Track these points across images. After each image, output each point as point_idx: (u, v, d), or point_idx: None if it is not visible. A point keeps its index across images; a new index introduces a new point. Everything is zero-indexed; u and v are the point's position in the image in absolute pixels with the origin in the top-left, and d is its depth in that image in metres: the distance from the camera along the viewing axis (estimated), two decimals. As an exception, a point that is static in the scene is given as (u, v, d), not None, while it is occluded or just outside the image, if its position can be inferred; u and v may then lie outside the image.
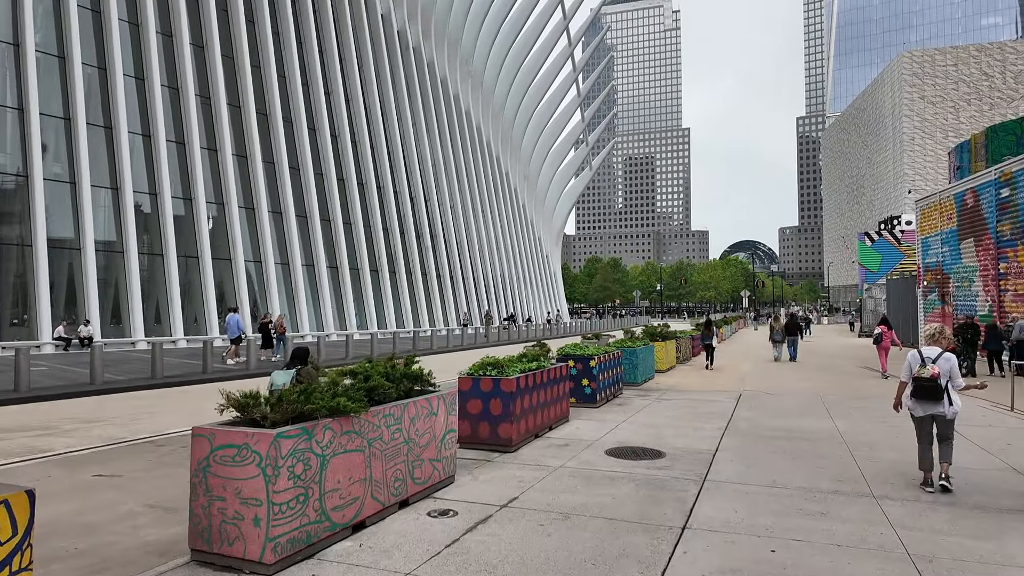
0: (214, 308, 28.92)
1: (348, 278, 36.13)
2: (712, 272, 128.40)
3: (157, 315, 27.78)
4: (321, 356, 20.38)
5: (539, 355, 9.21)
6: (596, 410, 10.77)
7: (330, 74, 37.41)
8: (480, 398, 7.58)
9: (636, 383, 14.61)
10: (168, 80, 29.02)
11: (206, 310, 28.78)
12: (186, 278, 28.78)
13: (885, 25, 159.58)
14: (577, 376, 11.13)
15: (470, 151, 51.57)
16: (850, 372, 18.38)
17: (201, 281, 29.01)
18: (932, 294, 26.26)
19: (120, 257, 26.39)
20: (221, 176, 30.56)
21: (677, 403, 11.68)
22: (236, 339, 19.15)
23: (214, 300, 29.06)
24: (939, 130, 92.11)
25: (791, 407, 11.19)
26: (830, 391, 13.57)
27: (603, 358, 11.67)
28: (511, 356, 8.69)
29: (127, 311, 26.12)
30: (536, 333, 41.16)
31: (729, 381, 15.81)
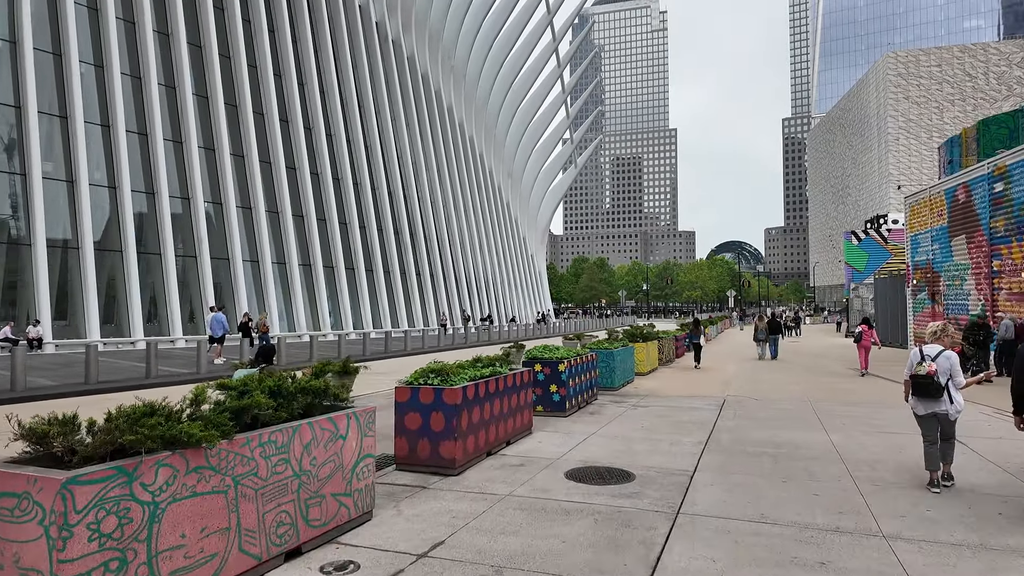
0: (177, 308, 27.51)
1: (322, 276, 34.82)
2: (698, 272, 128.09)
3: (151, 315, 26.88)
4: (281, 358, 19.16)
5: (495, 360, 8.12)
6: (565, 419, 9.69)
7: (304, 66, 36.08)
8: (419, 411, 6.46)
9: (613, 387, 13.56)
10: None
11: (168, 310, 27.35)
12: (148, 278, 27.36)
13: (870, 27, 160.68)
14: (545, 382, 10.05)
15: (452, 147, 50.38)
16: (839, 374, 17.48)
17: (165, 280, 27.61)
18: (922, 293, 25.52)
19: (76, 254, 24.94)
20: (187, 172, 29.16)
21: (655, 411, 10.63)
22: (220, 338, 18.79)
23: (177, 300, 27.67)
24: (924, 130, 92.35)
25: (779, 415, 10.19)
26: (820, 396, 12.61)
27: (574, 362, 10.60)
28: (462, 361, 7.59)
29: (82, 311, 24.69)
30: (518, 333, 40.08)
31: (713, 384, 14.82)
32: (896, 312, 29.68)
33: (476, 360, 7.78)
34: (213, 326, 19.00)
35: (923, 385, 5.76)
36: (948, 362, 5.77)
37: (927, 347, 5.96)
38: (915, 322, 26.22)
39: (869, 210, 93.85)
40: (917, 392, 5.83)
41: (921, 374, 5.75)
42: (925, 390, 5.76)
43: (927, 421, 5.86)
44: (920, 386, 5.78)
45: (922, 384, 5.76)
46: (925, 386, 5.75)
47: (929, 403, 5.81)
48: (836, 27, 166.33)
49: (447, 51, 50.70)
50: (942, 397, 5.72)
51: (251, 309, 29.84)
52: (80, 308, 24.78)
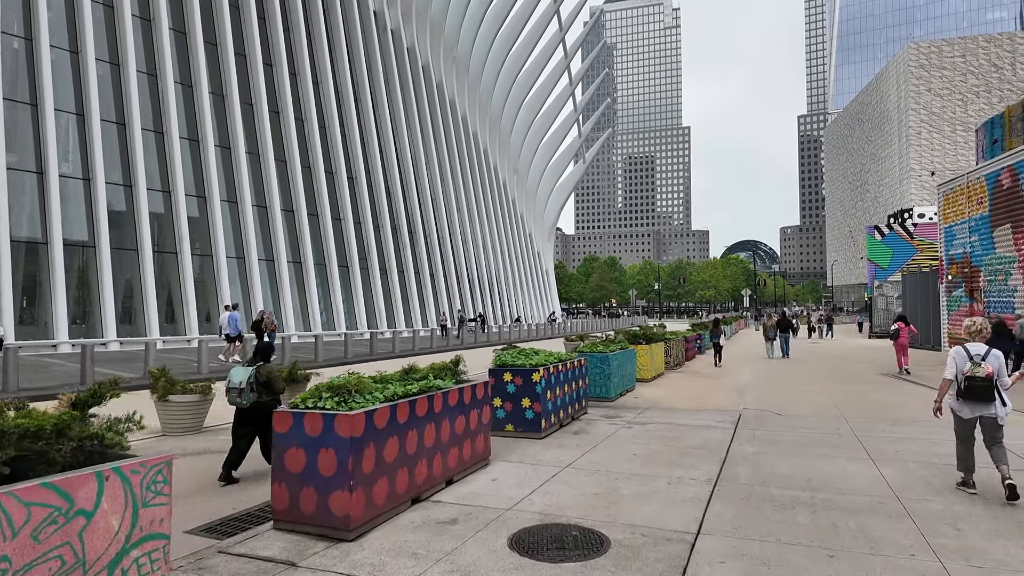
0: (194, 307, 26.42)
1: (313, 274, 33.09)
2: (712, 271, 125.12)
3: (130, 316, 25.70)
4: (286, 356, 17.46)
5: (440, 369, 6.20)
6: (539, 443, 7.75)
7: (296, 53, 34.40)
8: (304, 447, 4.55)
9: (608, 398, 11.58)
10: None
11: (145, 309, 25.73)
12: (123, 274, 25.79)
13: (888, 20, 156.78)
14: (516, 394, 8.11)
15: (455, 142, 48.53)
16: (871, 380, 15.35)
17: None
18: (958, 290, 23.22)
19: (43, 251, 23.38)
20: (168, 165, 27.55)
21: (654, 430, 8.65)
22: (237, 336, 18.74)
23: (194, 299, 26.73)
24: (947, 123, 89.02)
25: (809, 437, 8.16)
26: (855, 410, 10.54)
27: (554, 369, 8.65)
28: (385, 373, 5.68)
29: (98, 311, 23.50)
30: (518, 334, 38.13)
31: (726, 393, 12.79)
32: (928, 311, 27.35)
33: (408, 370, 5.86)
34: (229, 325, 18.82)
35: (981, 388, 5.36)
36: (998, 362, 5.46)
37: (973, 346, 5.56)
38: (950, 322, 23.92)
39: (889, 206, 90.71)
40: (971, 395, 5.42)
41: (980, 376, 5.36)
42: (981, 393, 5.37)
43: (969, 425, 5.55)
44: (977, 389, 5.38)
45: (980, 387, 5.36)
46: (982, 389, 5.35)
47: (980, 406, 5.44)
48: (853, 20, 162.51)
49: (449, 42, 48.87)
50: (995, 400, 5.40)
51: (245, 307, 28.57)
52: (96, 308, 24.05)
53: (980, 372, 5.38)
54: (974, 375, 5.40)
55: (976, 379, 5.39)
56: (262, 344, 6.33)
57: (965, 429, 5.59)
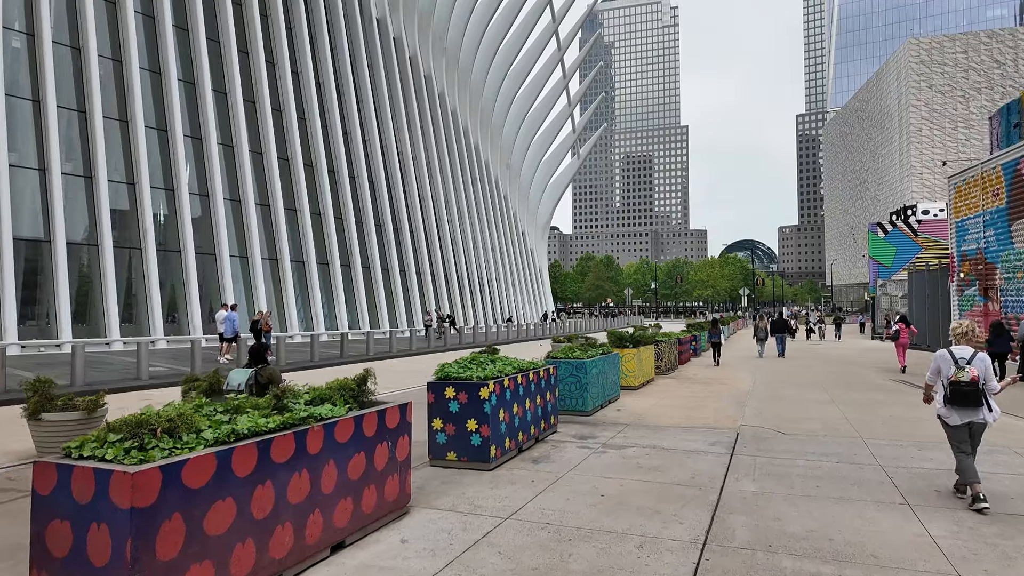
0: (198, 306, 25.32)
1: (289, 271, 31.45)
2: (710, 270, 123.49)
3: None
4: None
5: (319, 394, 4.63)
6: (485, 476, 6.17)
7: (274, 42, 32.77)
8: (70, 519, 2.98)
9: (584, 411, 10.01)
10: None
11: (105, 311, 24.11)
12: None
13: (887, 18, 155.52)
14: (460, 415, 6.53)
15: (443, 136, 46.90)
16: (883, 388, 13.80)
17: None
18: (971, 288, 21.70)
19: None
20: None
21: (633, 457, 7.07)
22: (233, 337, 18.45)
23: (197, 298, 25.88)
24: (948, 120, 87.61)
25: (822, 466, 6.61)
26: (870, 425, 8.99)
27: (511, 383, 7.07)
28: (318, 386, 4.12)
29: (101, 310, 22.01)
30: (506, 335, 36.55)
31: (722, 404, 11.23)
32: (937, 311, 25.85)
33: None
34: (225, 325, 18.49)
35: (967, 393, 5.21)
36: (984, 364, 5.29)
37: (957, 349, 5.41)
38: (962, 323, 22.38)
39: (890, 204, 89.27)
40: (957, 401, 5.26)
41: (965, 380, 5.21)
42: (967, 398, 5.21)
43: (961, 431, 5.34)
44: (962, 394, 5.22)
45: (965, 392, 5.21)
46: (968, 394, 5.21)
47: (968, 412, 5.28)
48: (853, 18, 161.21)
49: (438, 33, 47.24)
50: (983, 404, 5.24)
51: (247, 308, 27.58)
52: (99, 307, 23.29)
53: (964, 376, 5.18)
54: (958, 379, 5.19)
55: (961, 384, 5.19)
56: (256, 346, 6.17)
57: (958, 436, 5.34)
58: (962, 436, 5.32)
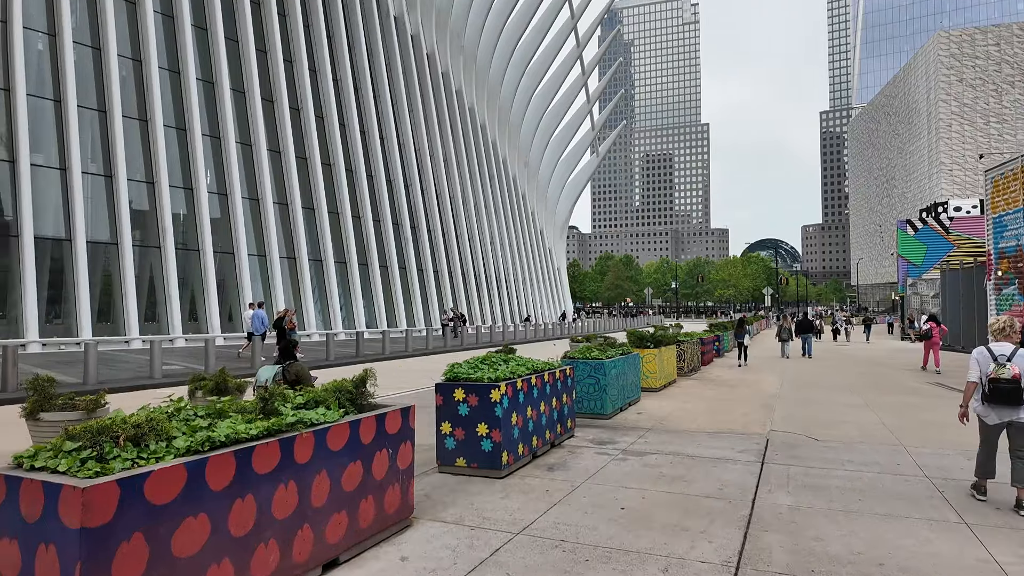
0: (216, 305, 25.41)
1: (307, 270, 31.39)
2: (731, 269, 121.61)
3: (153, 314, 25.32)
4: (211, 363, 15.65)
5: (312, 397, 4.27)
6: (496, 484, 5.77)
7: (293, 41, 32.75)
8: (18, 537, 2.64)
9: (603, 415, 9.55)
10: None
11: (125, 309, 24.20)
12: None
13: (915, 11, 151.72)
14: (470, 418, 6.13)
15: (461, 134, 46.61)
16: (919, 391, 13.11)
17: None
18: (1010, 287, 20.74)
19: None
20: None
21: (655, 465, 6.61)
22: (261, 335, 18.64)
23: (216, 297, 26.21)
24: (979, 115, 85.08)
25: (863, 477, 6.08)
26: (910, 431, 8.40)
27: (525, 384, 6.65)
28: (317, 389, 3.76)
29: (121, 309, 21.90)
30: (523, 334, 36.13)
31: (749, 407, 10.69)
32: (972, 311, 24.85)
33: (266, 398, 3.90)
34: (253, 323, 18.65)
35: (1008, 391, 4.95)
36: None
37: (996, 346, 5.19)
38: (999, 323, 21.43)
39: (918, 202, 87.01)
40: (997, 399, 5.01)
41: (1005, 377, 4.96)
42: (1008, 396, 4.95)
43: (996, 431, 5.15)
44: (1003, 392, 4.97)
45: (1006, 390, 4.96)
46: (1009, 392, 4.95)
47: (1007, 411, 5.02)
48: (879, 12, 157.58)
49: (456, 30, 46.96)
50: (1023, 404, 4.93)
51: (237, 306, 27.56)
52: (119, 306, 23.61)
53: (1005, 373, 4.98)
54: (999, 377, 5.01)
55: (1001, 381, 4.99)
56: (285, 342, 6.13)
57: (992, 436, 5.19)
58: (996, 436, 5.14)
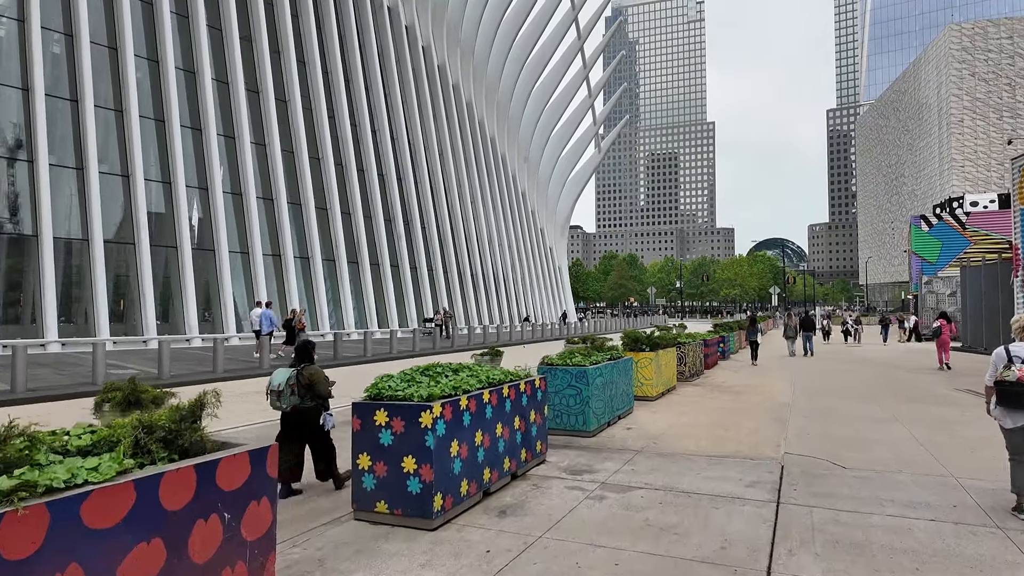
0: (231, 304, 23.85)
1: (293, 267, 30.00)
2: (737, 269, 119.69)
3: None
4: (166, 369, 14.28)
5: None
6: (421, 541, 4.31)
7: (280, 32, 31.39)
8: None
9: (585, 432, 8.08)
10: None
11: (143, 308, 22.88)
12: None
13: (923, 6, 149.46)
14: (393, 450, 4.67)
15: (458, 130, 45.16)
16: (950, 400, 11.57)
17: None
18: (1040, 284, 19.17)
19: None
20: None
21: (639, 507, 5.13)
22: (268, 334, 18.38)
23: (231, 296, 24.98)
24: (992, 110, 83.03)
25: (915, 529, 4.60)
26: (953, 453, 6.90)
27: (472, 403, 5.19)
28: None
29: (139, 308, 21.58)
30: (520, 335, 34.66)
31: (758, 422, 9.20)
32: (995, 310, 23.27)
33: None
34: (262, 322, 18.40)
35: (1014, 393, 4.82)
36: None
37: (1015, 346, 5.03)
38: (1028, 323, 19.84)
39: (928, 199, 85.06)
40: (1006, 401, 4.86)
41: (1010, 380, 4.83)
42: (1016, 399, 4.81)
43: (1016, 436, 4.90)
44: (1010, 394, 4.83)
45: (1012, 392, 4.82)
46: (1016, 394, 4.81)
47: (1020, 414, 4.83)
48: (887, 8, 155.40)
49: (453, 23, 45.54)
50: None
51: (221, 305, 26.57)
52: (137, 306, 23.45)
53: (1011, 376, 4.84)
54: (1004, 379, 4.87)
55: (1006, 383, 4.85)
56: (306, 343, 5.85)
57: (1013, 442, 4.97)
58: (1019, 443, 4.87)
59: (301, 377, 5.54)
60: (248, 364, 17.64)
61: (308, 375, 5.55)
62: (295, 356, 5.80)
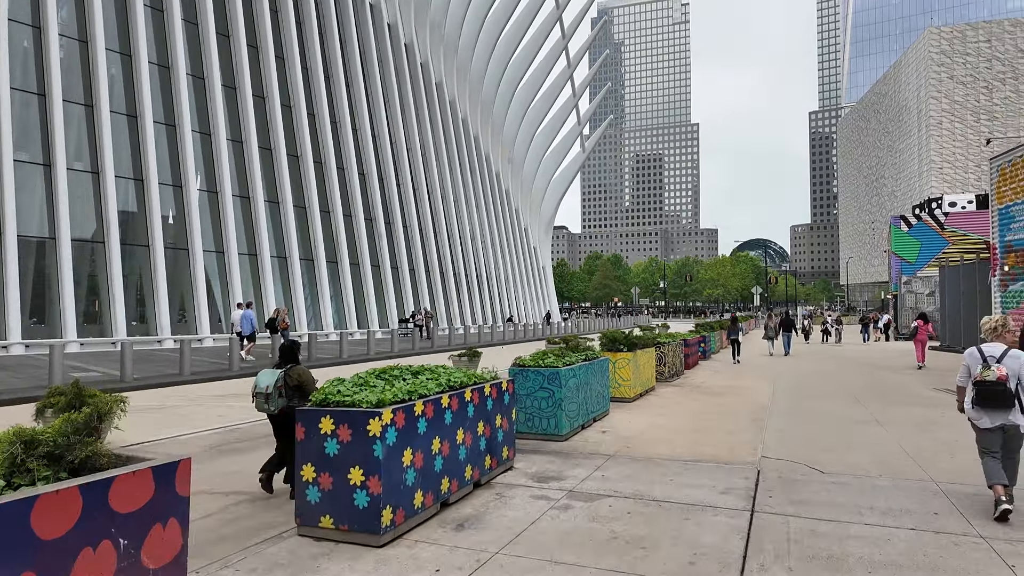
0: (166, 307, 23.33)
1: (269, 267, 29.41)
2: (720, 269, 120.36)
3: None
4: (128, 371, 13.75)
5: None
6: (366, 559, 3.96)
7: (259, 26, 30.76)
8: None
9: (557, 436, 7.78)
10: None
11: (112, 309, 22.19)
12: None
13: (904, 10, 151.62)
14: (339, 460, 4.33)
15: (441, 128, 44.72)
16: (930, 401, 11.44)
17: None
18: (1017, 283, 19.23)
19: None
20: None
21: (606, 517, 4.84)
22: (250, 335, 18.33)
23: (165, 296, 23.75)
24: (970, 112, 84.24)
25: (895, 538, 4.35)
26: (935, 458, 6.70)
27: (429, 408, 4.86)
28: None
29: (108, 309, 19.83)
30: (502, 335, 34.35)
31: (736, 423, 8.96)
32: (973, 309, 23.37)
33: None
34: (243, 323, 18.26)
35: (993, 393, 4.77)
36: (1017, 363, 4.81)
37: (988, 346, 5.04)
38: (1006, 322, 19.92)
39: (907, 200, 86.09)
40: (985, 401, 4.83)
41: (990, 379, 4.78)
42: (995, 399, 4.77)
43: (991, 435, 4.90)
44: (989, 394, 4.79)
45: (991, 391, 4.78)
46: (996, 394, 4.76)
47: (998, 414, 4.83)
48: (868, 11, 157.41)
49: (436, 20, 45.09)
50: (1014, 406, 4.76)
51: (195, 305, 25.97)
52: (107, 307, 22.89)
53: (990, 375, 4.78)
54: (984, 379, 4.80)
55: (986, 383, 4.78)
56: (290, 343, 5.75)
57: (987, 441, 4.92)
58: (993, 441, 4.90)
59: (289, 379, 5.41)
60: (218, 366, 17.13)
61: (296, 376, 5.42)
62: (280, 357, 5.67)
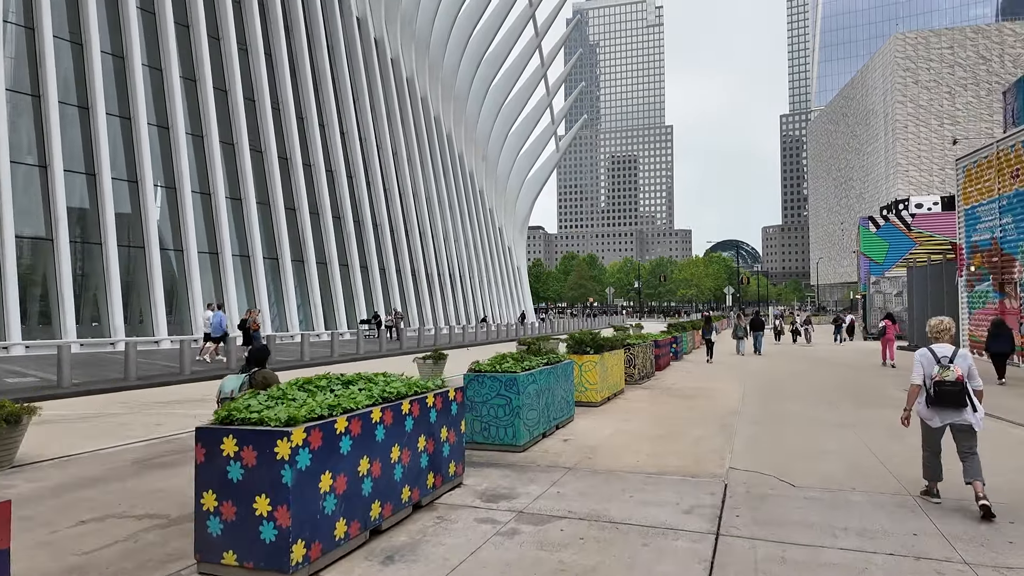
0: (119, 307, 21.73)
1: (229, 265, 28.37)
2: (694, 269, 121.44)
3: None
4: None
5: None
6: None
7: (220, 16, 29.69)
8: None
9: (515, 447, 7.25)
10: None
11: (110, 310, 20.96)
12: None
13: (871, 16, 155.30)
14: (243, 487, 3.73)
15: (412, 125, 43.91)
16: (898, 402, 11.20)
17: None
18: (983, 283, 19.34)
19: None
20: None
21: (556, 544, 4.32)
22: (221, 337, 17.85)
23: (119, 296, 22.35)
24: (934, 117, 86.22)
25: (871, 564, 3.91)
26: (911, 468, 6.33)
27: (358, 424, 4.28)
28: None
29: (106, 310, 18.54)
30: (474, 336, 33.74)
31: (705, 430, 8.55)
32: (940, 309, 23.49)
33: None
34: (214, 325, 17.74)
35: (952, 393, 4.89)
36: (966, 363, 4.99)
37: (938, 347, 5.12)
38: (972, 321, 20.07)
39: (875, 202, 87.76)
40: (942, 401, 4.93)
41: (950, 380, 4.89)
42: (952, 399, 4.89)
43: (939, 434, 5.10)
44: (947, 394, 4.90)
45: (950, 392, 4.89)
46: (954, 394, 4.89)
47: (950, 413, 4.96)
48: (836, 17, 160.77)
49: (407, 15, 44.28)
50: (967, 406, 4.90)
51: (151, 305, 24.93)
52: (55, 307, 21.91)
53: (950, 376, 4.91)
54: (943, 379, 4.93)
55: (946, 384, 4.91)
56: (259, 348, 5.57)
57: (934, 438, 5.13)
58: (938, 439, 5.08)
59: (254, 381, 5.28)
60: (170, 370, 16.25)
61: (262, 379, 5.31)
62: (248, 361, 5.54)
